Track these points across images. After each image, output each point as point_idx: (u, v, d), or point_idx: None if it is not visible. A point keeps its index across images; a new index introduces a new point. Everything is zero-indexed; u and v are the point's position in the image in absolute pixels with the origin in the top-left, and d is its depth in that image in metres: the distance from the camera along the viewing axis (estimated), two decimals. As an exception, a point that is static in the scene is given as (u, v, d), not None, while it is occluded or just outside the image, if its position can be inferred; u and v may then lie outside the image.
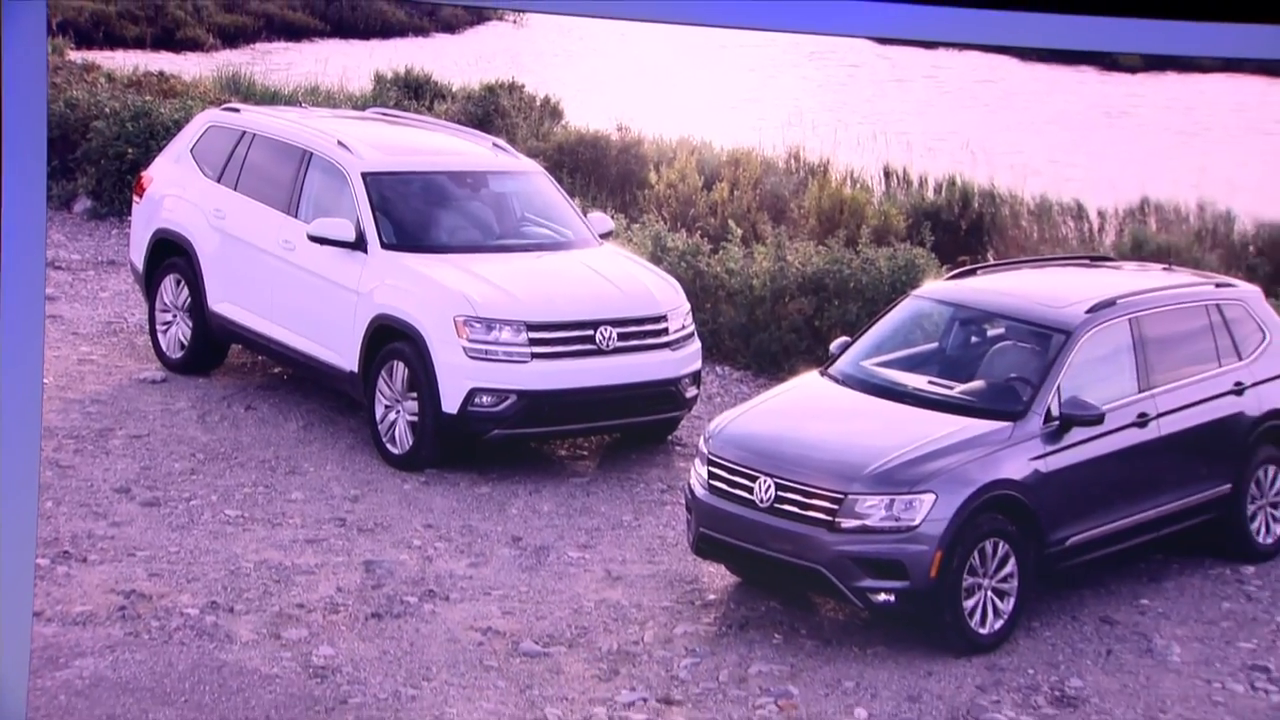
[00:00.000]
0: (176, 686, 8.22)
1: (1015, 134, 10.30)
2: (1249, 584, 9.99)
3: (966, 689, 9.11)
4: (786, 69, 9.62)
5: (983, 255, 10.09)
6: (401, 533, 8.91)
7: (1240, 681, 9.51)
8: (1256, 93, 10.31)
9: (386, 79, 9.48)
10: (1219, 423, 9.86)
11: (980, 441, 9.07)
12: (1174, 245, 10.26)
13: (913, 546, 8.82)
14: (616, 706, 8.69)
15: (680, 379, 9.57)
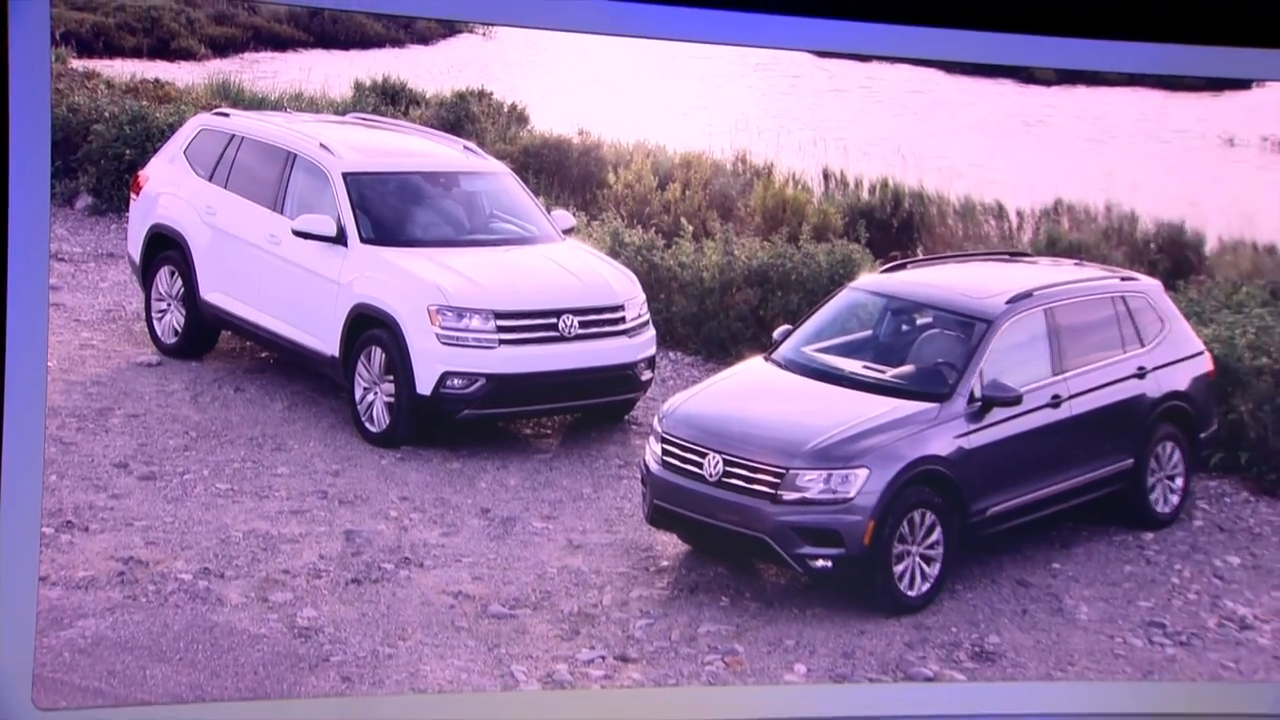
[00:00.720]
0: (172, 645, 8.23)
1: (942, 140, 10.29)
2: (1148, 549, 10.08)
3: (896, 646, 9.19)
4: (733, 79, 9.58)
5: (912, 250, 10.14)
6: (379, 505, 8.87)
7: (1139, 636, 9.68)
8: (1156, 105, 10.37)
9: (365, 86, 9.41)
10: (1123, 404, 9.91)
11: (910, 421, 9.13)
12: (1084, 242, 10.37)
13: (848, 517, 8.87)
14: (577, 664, 8.74)
15: (636, 363, 9.54)
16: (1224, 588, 10.01)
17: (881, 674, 9.13)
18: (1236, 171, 10.60)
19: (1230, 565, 10.14)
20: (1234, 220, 10.56)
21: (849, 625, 9.20)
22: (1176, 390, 10.07)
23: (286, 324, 9.06)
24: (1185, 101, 10.58)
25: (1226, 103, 10.57)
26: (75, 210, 8.64)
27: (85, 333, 8.62)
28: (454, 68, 9.55)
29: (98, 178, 8.70)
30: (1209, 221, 10.57)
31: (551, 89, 9.67)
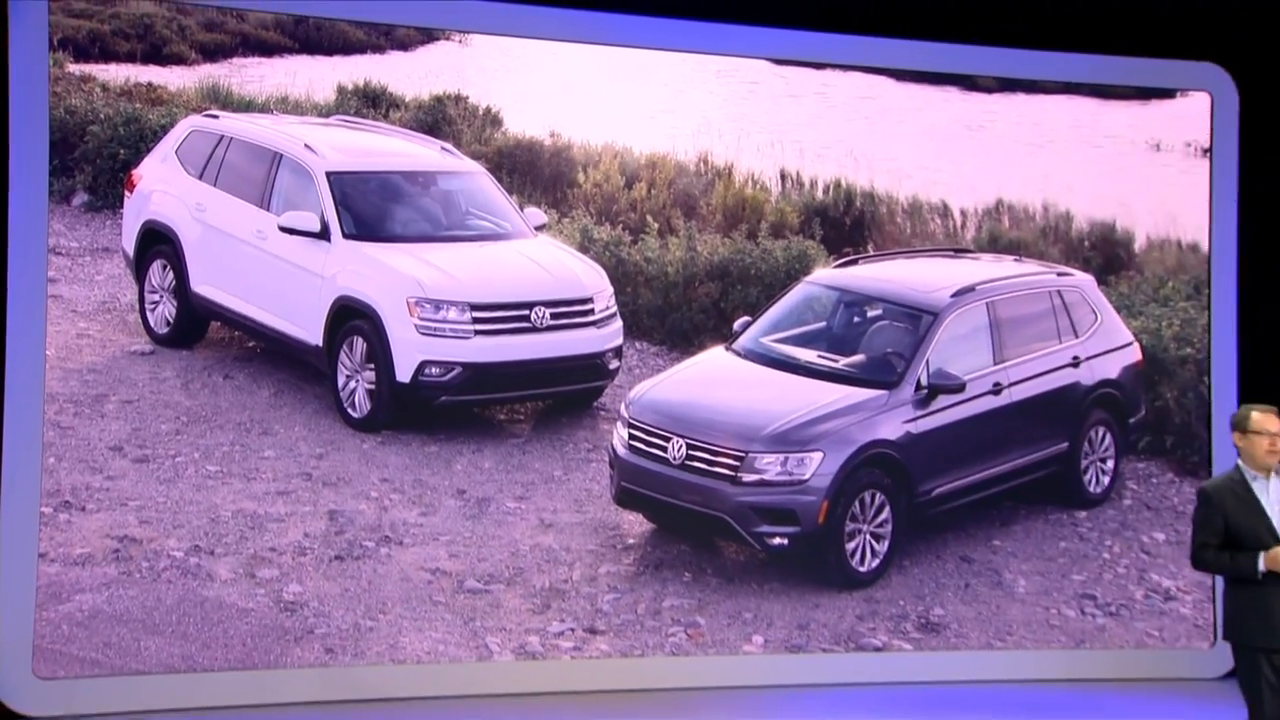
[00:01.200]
0: (164, 619, 8.31)
1: (891, 143, 10.32)
2: (1081, 526, 10.19)
3: (848, 618, 9.36)
4: (696, 85, 9.57)
5: (864, 247, 10.15)
6: (361, 486, 8.85)
7: (1073, 608, 9.91)
8: (1089, 112, 10.45)
9: (348, 90, 9.35)
10: (1059, 391, 9.98)
11: (861, 407, 9.18)
12: (1023, 240, 10.41)
13: (803, 497, 8.93)
14: (548, 636, 8.88)
15: (604, 353, 9.53)
16: (1150, 562, 10.18)
17: (834, 645, 9.29)
18: (1163, 175, 10.67)
19: (1156, 541, 10.27)
20: (1160, 220, 10.64)
21: (804, 599, 9.30)
22: (1108, 378, 10.14)
23: (273, 315, 9.03)
24: (1115, 109, 10.64)
25: (1153, 111, 10.65)
26: (72, 207, 8.59)
27: (82, 323, 8.59)
28: (431, 73, 9.51)
29: (93, 176, 8.64)
30: (1138, 221, 10.63)
31: (524, 94, 9.65)
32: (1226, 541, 5.92)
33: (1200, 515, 6.07)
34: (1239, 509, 5.92)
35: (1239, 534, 5.87)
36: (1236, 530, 5.88)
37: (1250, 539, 5.84)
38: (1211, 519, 5.97)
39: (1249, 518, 5.89)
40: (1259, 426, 5.95)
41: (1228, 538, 5.92)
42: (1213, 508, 5.99)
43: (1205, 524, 6.01)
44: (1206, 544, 5.96)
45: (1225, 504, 5.95)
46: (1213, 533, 5.94)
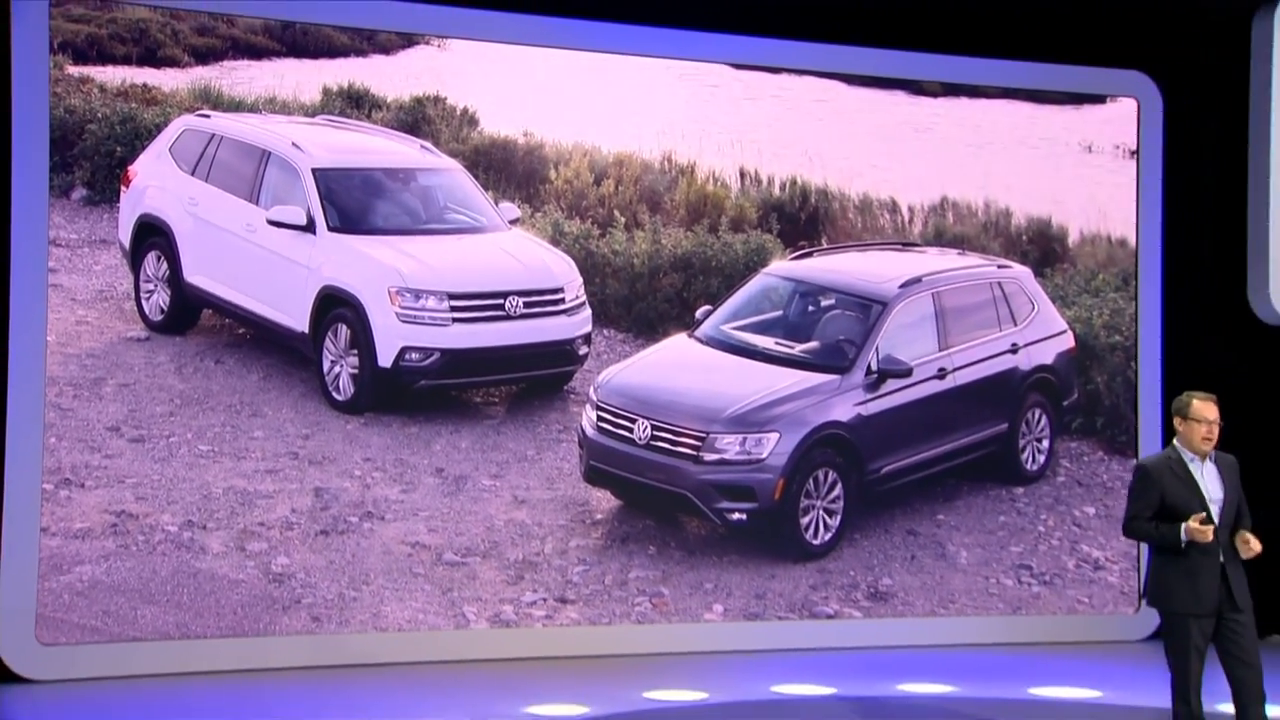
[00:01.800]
0: (160, 589, 8.33)
1: (843, 143, 10.30)
2: (1019, 501, 10.28)
3: (802, 588, 9.46)
4: (660, 87, 9.57)
5: (818, 240, 10.15)
6: (345, 464, 8.84)
7: (1010, 577, 10.05)
8: (1026, 115, 10.48)
9: (332, 91, 9.26)
10: (999, 375, 10.05)
11: (815, 391, 9.25)
12: (966, 234, 10.45)
13: (761, 475, 9.01)
14: (521, 605, 8.94)
15: (574, 340, 9.52)
16: (1081, 534, 10.32)
17: (789, 613, 9.40)
18: (1094, 174, 10.72)
19: (1087, 515, 10.39)
20: (1092, 216, 10.69)
21: (761, 570, 9.38)
22: (1044, 364, 10.22)
23: (261, 303, 9.00)
24: (1051, 113, 10.70)
25: (1085, 115, 10.70)
26: (71, 201, 8.53)
27: (80, 310, 8.56)
28: (412, 76, 9.51)
29: (91, 172, 8.55)
30: (1071, 217, 10.69)
31: (499, 95, 9.66)
32: (1162, 515, 5.96)
33: (1137, 489, 6.08)
34: (1176, 486, 5.95)
35: (1175, 509, 5.91)
36: (1174, 505, 5.92)
37: (1185, 514, 5.88)
38: (1148, 493, 5.99)
39: (1185, 495, 5.92)
40: (1198, 414, 5.99)
41: (1164, 512, 5.95)
42: (1150, 483, 6.00)
43: (1140, 497, 6.03)
44: (1139, 516, 5.99)
45: (1163, 481, 5.97)
46: (1146, 506, 5.98)
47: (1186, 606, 5.87)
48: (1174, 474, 5.96)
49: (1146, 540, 6.05)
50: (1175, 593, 5.91)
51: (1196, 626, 5.87)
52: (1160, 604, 6.01)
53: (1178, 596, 5.90)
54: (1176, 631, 5.93)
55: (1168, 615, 5.99)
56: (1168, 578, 5.95)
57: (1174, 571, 5.91)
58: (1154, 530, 5.93)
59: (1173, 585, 5.92)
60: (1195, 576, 5.87)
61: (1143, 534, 6.02)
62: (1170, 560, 5.92)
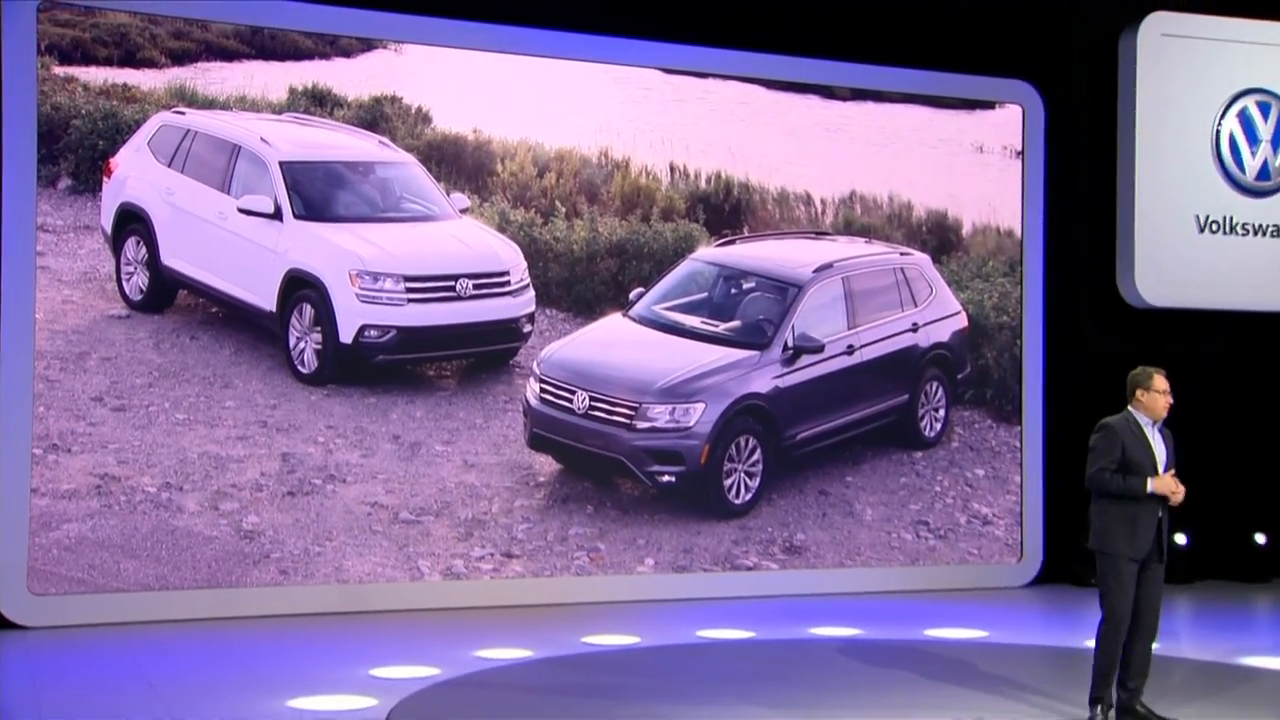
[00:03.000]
0: (140, 545, 8.41)
1: (763, 142, 10.19)
2: (918, 465, 10.51)
3: (725, 543, 9.70)
4: (598, 89, 9.53)
5: (739, 229, 10.21)
6: (309, 432, 8.88)
7: (910, 532, 10.37)
8: (925, 119, 10.43)
9: (298, 91, 9.03)
10: (901, 351, 10.25)
11: (737, 365, 9.43)
12: (872, 224, 10.56)
13: (688, 441, 9.20)
14: (470, 560, 9.10)
15: (519, 319, 9.55)
16: (972, 494, 10.59)
17: (713, 565, 9.62)
18: (985, 172, 10.89)
19: (978, 476, 10.65)
20: (983, 210, 10.87)
21: (688, 527, 9.57)
22: (940, 341, 10.42)
23: (233, 285, 8.97)
24: (947, 117, 10.84)
25: (977, 119, 10.88)
26: (58, 190, 8.35)
27: (66, 290, 8.51)
28: (371, 77, 9.44)
29: (76, 164, 8.30)
30: (965, 210, 10.84)
31: (451, 96, 9.62)
32: (1118, 469, 5.99)
33: (1102, 444, 6.05)
34: (1134, 445, 5.99)
35: (1131, 465, 5.96)
36: (1131, 461, 5.96)
37: (1139, 469, 5.95)
38: (1113, 448, 5.99)
39: (1140, 452, 5.97)
40: (1160, 387, 6.03)
41: (1122, 466, 5.98)
42: (1114, 439, 6.01)
43: (1107, 452, 6.01)
44: (1105, 468, 6.00)
45: (1124, 438, 6.01)
46: (1112, 460, 5.97)
47: (1126, 549, 5.93)
48: (1132, 434, 6.01)
49: (1113, 489, 5.99)
50: (1117, 537, 5.95)
51: (1130, 568, 5.95)
52: (1102, 547, 6.02)
53: (1120, 541, 5.94)
54: (1113, 573, 5.96)
55: (1108, 557, 5.99)
56: (1112, 524, 5.99)
57: (1118, 519, 5.96)
58: (1120, 480, 5.95)
59: (1116, 531, 5.96)
60: (1136, 525, 5.94)
61: (1108, 483, 5.99)
62: (1116, 510, 5.97)
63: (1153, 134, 10.78)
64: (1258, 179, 11.12)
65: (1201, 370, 10.30)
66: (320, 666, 7.09)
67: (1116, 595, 5.94)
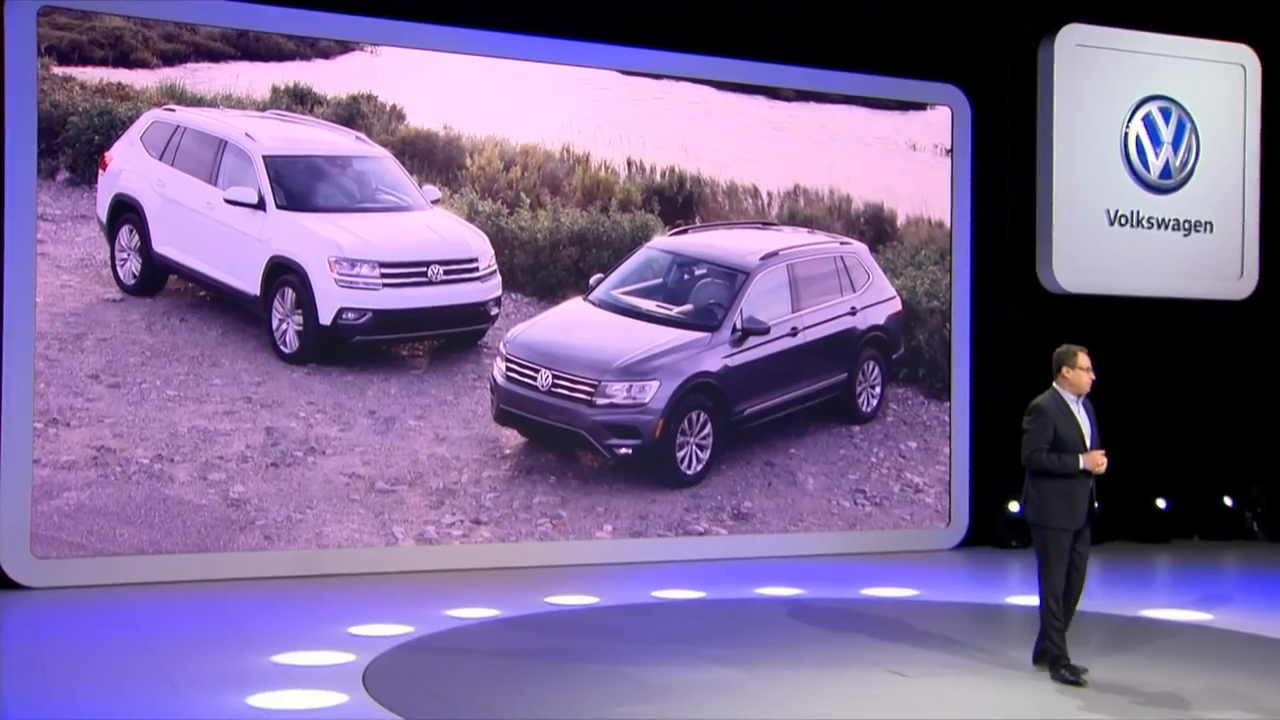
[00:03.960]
0: (135, 512, 8.50)
1: (713, 139, 10.22)
2: (856, 438, 10.66)
3: (678, 510, 9.86)
4: (560, 89, 9.48)
5: (692, 219, 10.27)
6: (291, 408, 8.95)
7: (848, 500, 10.54)
8: (863, 118, 10.38)
9: (280, 90, 8.91)
10: (840, 333, 10.39)
11: (689, 346, 9.55)
12: (814, 216, 10.68)
13: (644, 416, 9.34)
14: (442, 526, 9.20)
15: (487, 302, 9.60)
16: (905, 464, 10.78)
17: (667, 531, 9.77)
18: (917, 168, 11.06)
19: (910, 448, 10.84)
20: (916, 203, 11.03)
21: (644, 496, 9.72)
22: (877, 324, 10.57)
23: (219, 270, 8.97)
24: (883, 117, 10.99)
25: (910, 119, 11.05)
26: (56, 182, 8.18)
27: (64, 276, 8.51)
28: (348, 77, 9.42)
29: (73, 158, 8.39)
30: (899, 203, 10.99)
31: (423, 95, 9.62)
32: (1050, 446, 6.01)
33: (1035, 426, 6.04)
34: (1063, 422, 6.00)
35: (1062, 440, 5.98)
36: (1062, 438, 5.98)
37: (1069, 445, 5.98)
38: (1045, 428, 6.00)
39: (1069, 429, 6.00)
40: (1083, 364, 6.05)
41: (1054, 444, 6.00)
42: (1046, 420, 6.01)
43: (1040, 432, 6.01)
44: (1040, 449, 5.99)
45: (1054, 418, 6.02)
46: (1045, 439, 5.98)
47: (1064, 522, 5.96)
48: (1061, 412, 6.02)
49: (1050, 468, 5.98)
50: (1055, 511, 5.96)
51: (1067, 538, 5.99)
52: (1041, 521, 6.02)
53: (1058, 514, 5.96)
54: (1053, 543, 5.98)
55: (1046, 530, 6.00)
56: (1049, 501, 5.98)
57: (1055, 495, 5.97)
58: (1056, 459, 5.95)
59: (1054, 506, 5.97)
60: (1071, 498, 5.95)
61: (1045, 463, 5.98)
62: (1052, 487, 5.97)
63: (1068, 135, 11.02)
64: (1161, 177, 11.44)
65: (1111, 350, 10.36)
66: (302, 625, 7.11)
67: (1055, 566, 5.96)
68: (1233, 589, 9.60)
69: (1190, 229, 11.56)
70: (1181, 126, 11.50)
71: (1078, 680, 5.90)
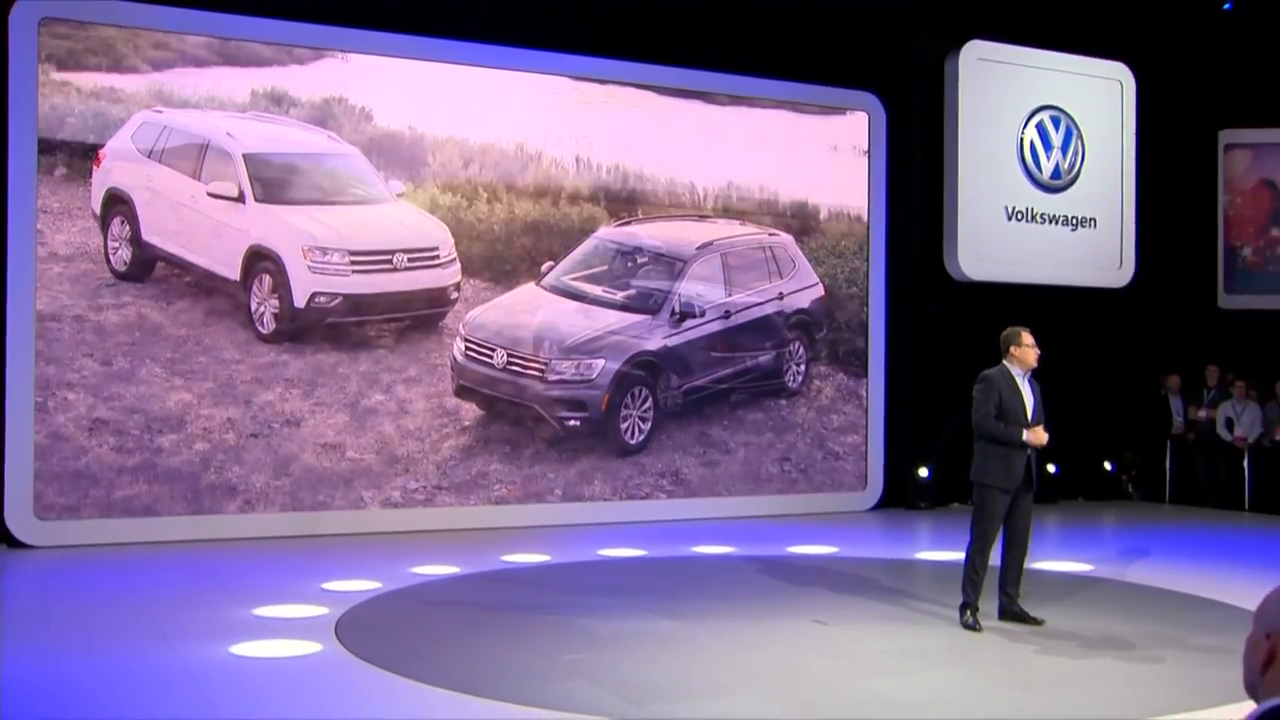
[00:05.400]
0: (129, 478, 8.54)
1: (656, 140, 10.19)
2: (782, 411, 10.82)
3: (621, 476, 10.00)
4: (514, 92, 9.52)
5: (635, 212, 10.30)
6: (269, 383, 8.97)
7: (775, 466, 10.71)
8: (790, 122, 10.73)
9: (259, 93, 8.99)
10: (769, 316, 10.55)
11: (633, 328, 9.71)
12: (746, 210, 10.77)
13: (591, 391, 9.49)
14: (406, 491, 9.29)
15: (447, 288, 9.63)
16: (827, 435, 10.98)
17: (612, 495, 9.91)
18: (838, 168, 11.22)
19: (830, 420, 11.04)
20: (837, 199, 11.19)
21: (591, 464, 9.84)
22: (802, 308, 10.75)
23: (203, 258, 8.96)
24: (807, 120, 11.13)
25: (832, 123, 11.21)
26: (54, 177, 8.18)
27: (62, 263, 8.52)
28: (321, 81, 9.40)
29: (70, 155, 8.36)
30: (822, 199, 11.12)
31: (389, 97, 9.62)
32: (996, 415, 6.04)
33: (982, 394, 6.08)
34: (1009, 394, 6.04)
35: (1006, 409, 6.02)
36: (1006, 408, 6.02)
37: (1012, 415, 6.02)
38: (991, 396, 6.03)
39: (1013, 400, 6.04)
40: (1028, 342, 6.10)
41: (998, 413, 6.04)
42: (992, 388, 6.05)
43: (987, 400, 6.04)
44: (987, 415, 6.04)
45: (1001, 389, 6.06)
46: (993, 406, 6.02)
47: (1000, 483, 5.99)
48: (1007, 384, 6.06)
49: (995, 435, 6.01)
50: (994, 473, 6.00)
51: (1002, 499, 6.01)
52: (980, 479, 6.06)
53: (996, 475, 6.00)
54: (988, 501, 6.02)
55: (985, 489, 6.00)
56: (990, 462, 6.01)
57: (995, 458, 6.00)
58: (1001, 428, 5.99)
59: (993, 468, 6.00)
60: (1009, 462, 5.97)
61: (992, 429, 6.01)
62: (993, 450, 6.01)
63: (971, 140, 11.23)
64: (1052, 178, 11.70)
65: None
66: (280, 581, 7.09)
67: (987, 521, 6.00)
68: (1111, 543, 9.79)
69: (1077, 224, 11.82)
70: (1069, 133, 11.76)
71: (976, 626, 5.97)
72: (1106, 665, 5.42)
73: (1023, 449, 5.99)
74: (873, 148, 11.27)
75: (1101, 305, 12.09)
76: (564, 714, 4.45)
